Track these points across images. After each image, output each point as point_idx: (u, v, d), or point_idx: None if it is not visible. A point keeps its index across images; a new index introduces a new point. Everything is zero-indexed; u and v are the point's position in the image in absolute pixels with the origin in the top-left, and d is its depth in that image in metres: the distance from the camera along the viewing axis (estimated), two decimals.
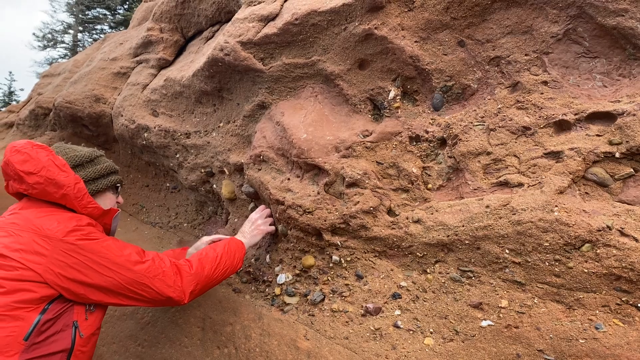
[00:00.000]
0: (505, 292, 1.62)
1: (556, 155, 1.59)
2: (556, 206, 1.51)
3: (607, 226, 1.41)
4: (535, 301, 1.56)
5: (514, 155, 1.69)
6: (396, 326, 1.77)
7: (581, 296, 1.48)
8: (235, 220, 2.60)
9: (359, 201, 1.88)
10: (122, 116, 3.32)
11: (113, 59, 3.88)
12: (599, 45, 1.59)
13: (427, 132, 1.90)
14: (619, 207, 1.46)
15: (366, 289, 1.90)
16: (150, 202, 3.75)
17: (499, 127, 1.72)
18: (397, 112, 1.97)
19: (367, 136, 1.97)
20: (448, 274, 1.76)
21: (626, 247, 1.38)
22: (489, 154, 1.73)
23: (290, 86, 2.20)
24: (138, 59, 3.62)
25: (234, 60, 2.16)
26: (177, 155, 2.96)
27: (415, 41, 1.87)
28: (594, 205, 1.50)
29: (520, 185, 1.64)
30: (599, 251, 1.42)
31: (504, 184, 1.69)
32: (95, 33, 22.72)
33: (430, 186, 1.90)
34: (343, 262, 1.96)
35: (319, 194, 1.94)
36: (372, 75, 2.00)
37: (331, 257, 1.98)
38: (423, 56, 1.86)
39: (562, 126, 1.62)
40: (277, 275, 2.16)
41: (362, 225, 1.88)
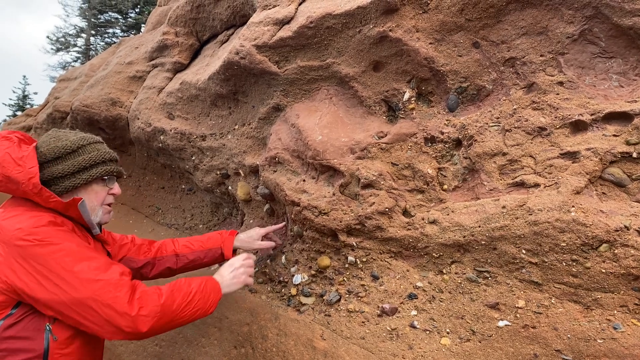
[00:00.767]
0: (522, 292, 1.63)
1: (572, 156, 1.59)
2: (573, 206, 1.51)
3: (625, 226, 1.41)
4: (553, 301, 1.56)
5: (530, 156, 1.69)
6: (412, 326, 1.78)
7: (599, 296, 1.48)
8: (251, 221, 2.63)
9: (374, 202, 1.89)
10: (138, 119, 3.37)
11: (129, 63, 3.94)
12: (615, 46, 1.59)
13: (442, 133, 1.91)
14: (637, 207, 1.46)
15: (382, 290, 1.91)
16: (166, 204, 3.81)
17: (515, 127, 1.73)
18: (412, 113, 1.98)
19: (382, 137, 1.98)
20: (464, 274, 1.77)
21: None
22: (504, 154, 1.74)
23: (305, 88, 2.22)
24: (153, 62, 3.67)
25: (249, 64, 2.19)
26: (193, 158, 3.01)
27: (430, 43, 1.88)
28: (611, 206, 1.50)
29: (537, 185, 1.64)
30: (616, 251, 1.43)
31: (520, 185, 1.69)
32: (107, 37, 23.03)
33: (445, 187, 1.90)
34: (359, 262, 1.98)
35: (334, 195, 1.96)
36: (386, 77, 2.02)
37: (347, 258, 2.00)
38: (438, 58, 1.87)
39: (578, 126, 1.62)
40: (293, 276, 2.18)
41: (378, 226, 1.90)
